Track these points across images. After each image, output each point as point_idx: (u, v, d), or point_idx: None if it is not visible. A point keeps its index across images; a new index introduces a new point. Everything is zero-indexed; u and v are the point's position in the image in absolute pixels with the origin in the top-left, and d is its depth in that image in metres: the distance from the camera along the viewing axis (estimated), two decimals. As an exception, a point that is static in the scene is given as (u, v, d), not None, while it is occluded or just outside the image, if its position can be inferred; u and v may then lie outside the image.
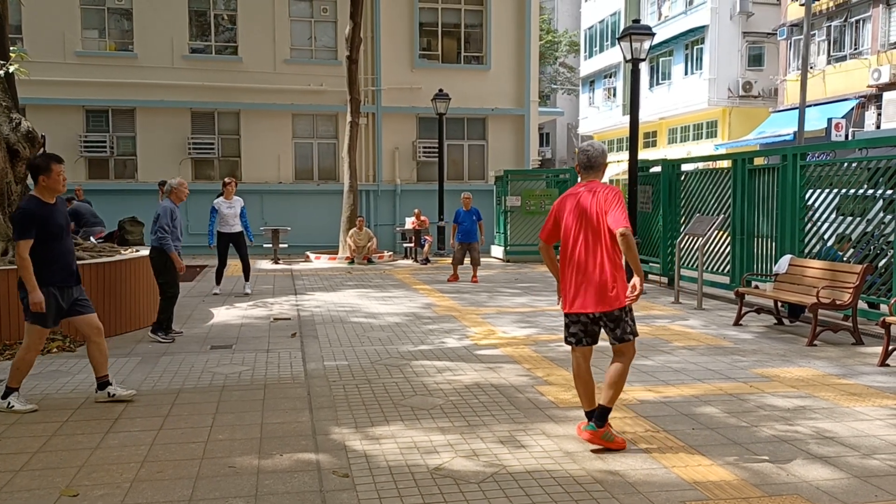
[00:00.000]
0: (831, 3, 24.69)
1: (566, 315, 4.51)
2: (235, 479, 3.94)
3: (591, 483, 3.90)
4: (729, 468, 4.11)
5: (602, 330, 4.50)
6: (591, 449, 4.36)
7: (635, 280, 4.22)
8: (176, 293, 7.97)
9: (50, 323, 5.26)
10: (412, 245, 18.03)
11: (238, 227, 11.28)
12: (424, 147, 20.21)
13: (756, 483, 3.90)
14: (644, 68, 12.38)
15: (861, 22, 24.01)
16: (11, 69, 8.74)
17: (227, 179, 11.41)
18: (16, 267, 7.28)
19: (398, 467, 4.12)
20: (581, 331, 4.46)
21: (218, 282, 11.55)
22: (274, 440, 4.56)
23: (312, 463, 4.18)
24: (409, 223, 18.26)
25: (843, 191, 8.94)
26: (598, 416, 4.37)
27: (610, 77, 39.57)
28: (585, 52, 42.31)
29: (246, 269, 11.59)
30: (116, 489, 3.80)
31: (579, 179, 4.63)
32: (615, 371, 4.40)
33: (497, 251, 18.37)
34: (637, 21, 12.26)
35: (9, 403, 5.19)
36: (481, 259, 14.10)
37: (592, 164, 4.50)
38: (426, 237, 17.72)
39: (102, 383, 5.40)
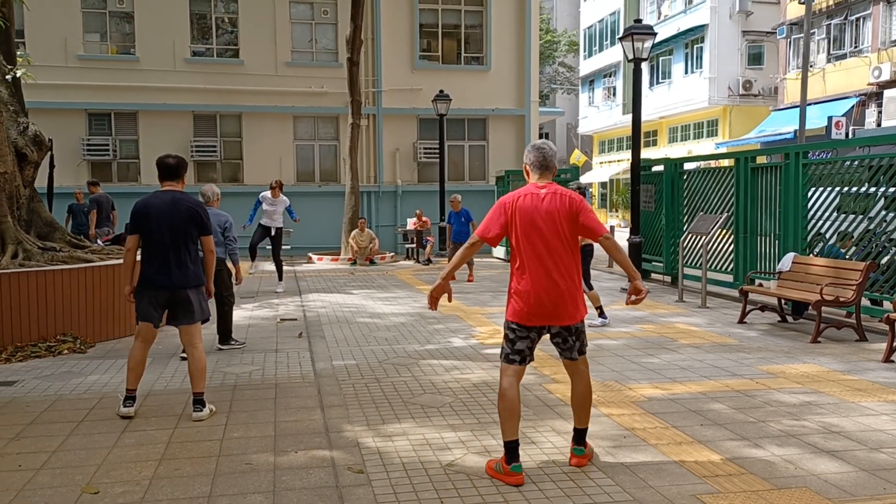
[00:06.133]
0: (831, 2, 24.75)
1: (520, 328, 4.01)
2: (253, 476, 3.99)
3: (603, 478, 3.96)
4: (738, 462, 4.17)
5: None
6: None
7: (639, 283, 3.98)
8: (234, 302, 7.80)
9: None
10: (414, 246, 18.07)
11: (279, 223, 12.15)
12: (425, 148, 20.25)
13: (765, 476, 3.95)
14: (644, 67, 12.34)
15: (861, 20, 24.08)
16: (18, 73, 8.81)
17: (273, 183, 12.45)
18: (29, 270, 7.40)
19: (411, 463, 4.17)
20: (528, 347, 4.04)
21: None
22: (288, 437, 4.62)
23: (327, 459, 4.24)
24: (411, 224, 18.30)
25: (846, 189, 9.01)
26: (580, 438, 4.20)
27: (609, 76, 39.66)
28: (585, 51, 42.40)
29: (279, 268, 12.16)
30: (136, 486, 3.86)
31: (531, 180, 4.13)
32: (585, 389, 4.20)
33: (499, 251, 18.40)
34: (638, 20, 12.32)
35: (211, 410, 5.11)
36: (481, 259, 14.21)
37: (548, 164, 4.07)
38: (428, 238, 17.76)
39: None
